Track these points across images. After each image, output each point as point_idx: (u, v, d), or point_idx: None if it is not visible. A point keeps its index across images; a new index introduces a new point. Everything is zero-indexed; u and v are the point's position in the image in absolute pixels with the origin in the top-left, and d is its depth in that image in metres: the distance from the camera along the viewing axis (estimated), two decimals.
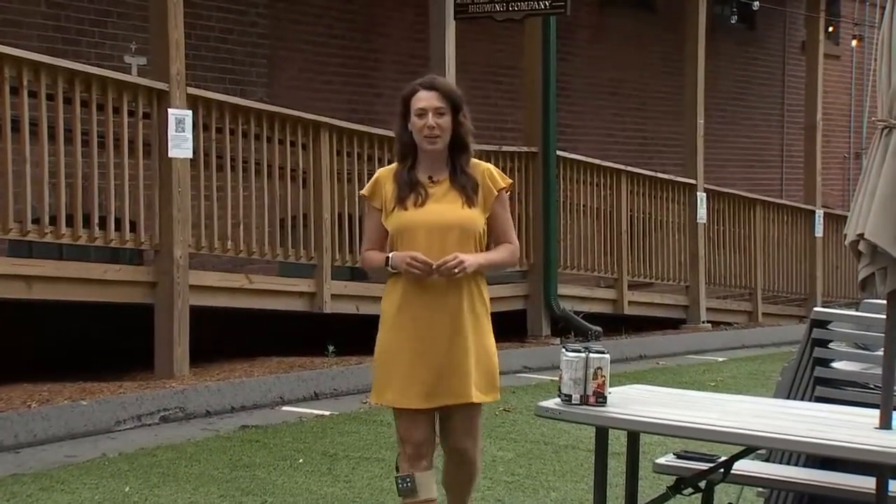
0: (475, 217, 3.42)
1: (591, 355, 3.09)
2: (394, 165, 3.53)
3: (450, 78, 8.40)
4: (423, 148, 3.44)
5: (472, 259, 3.39)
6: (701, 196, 11.42)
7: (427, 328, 3.40)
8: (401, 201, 3.43)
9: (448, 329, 3.39)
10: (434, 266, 3.34)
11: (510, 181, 3.55)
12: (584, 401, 3.08)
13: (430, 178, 3.46)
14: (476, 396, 3.41)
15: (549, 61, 9.71)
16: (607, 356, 3.12)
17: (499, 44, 11.42)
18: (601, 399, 3.08)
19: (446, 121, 3.42)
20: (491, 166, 3.52)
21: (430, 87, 3.45)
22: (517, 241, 3.55)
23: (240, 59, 9.30)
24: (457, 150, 3.46)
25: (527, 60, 9.90)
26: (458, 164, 3.44)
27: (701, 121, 11.39)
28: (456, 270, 3.34)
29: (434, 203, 3.42)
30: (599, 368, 3.07)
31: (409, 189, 3.43)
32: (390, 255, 3.43)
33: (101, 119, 6.74)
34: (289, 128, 7.86)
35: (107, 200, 6.80)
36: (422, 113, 3.41)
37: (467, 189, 3.42)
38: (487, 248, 3.50)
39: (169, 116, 6.96)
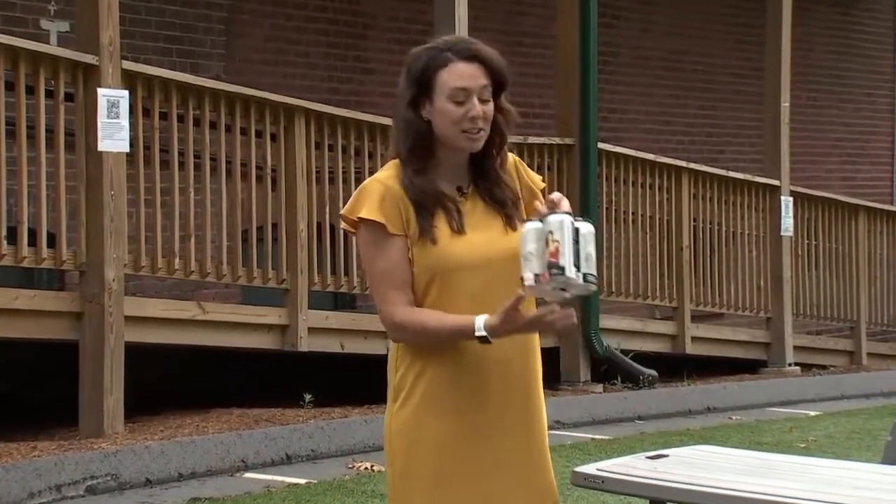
0: None
1: (548, 218, 2.87)
2: (390, 173, 3.05)
3: None
4: (455, 146, 3.03)
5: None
6: (786, 201, 11.42)
7: (493, 418, 3.00)
8: (426, 228, 2.97)
9: (522, 413, 3.07)
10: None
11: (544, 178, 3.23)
12: (538, 281, 2.87)
13: (459, 189, 3.05)
14: None
15: (589, 27, 9.74)
16: (577, 224, 2.89)
17: (524, 4, 11.46)
18: (556, 270, 2.85)
19: (491, 108, 3.02)
20: (517, 158, 3.18)
21: (473, 56, 3.03)
22: None
23: (190, 24, 9.35)
24: (492, 147, 3.07)
25: (560, 26, 9.93)
26: (491, 166, 3.06)
27: (786, 104, 11.40)
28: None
29: (474, 229, 3.01)
30: (550, 233, 2.85)
31: (432, 207, 2.99)
32: (482, 319, 2.90)
33: (10, 101, 6.78)
34: (253, 113, 7.90)
35: (17, 206, 6.83)
36: (463, 96, 2.98)
37: (507, 204, 3.06)
38: None
39: (99, 98, 7.00)
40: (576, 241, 2.85)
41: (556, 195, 2.90)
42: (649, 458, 3.67)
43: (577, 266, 2.85)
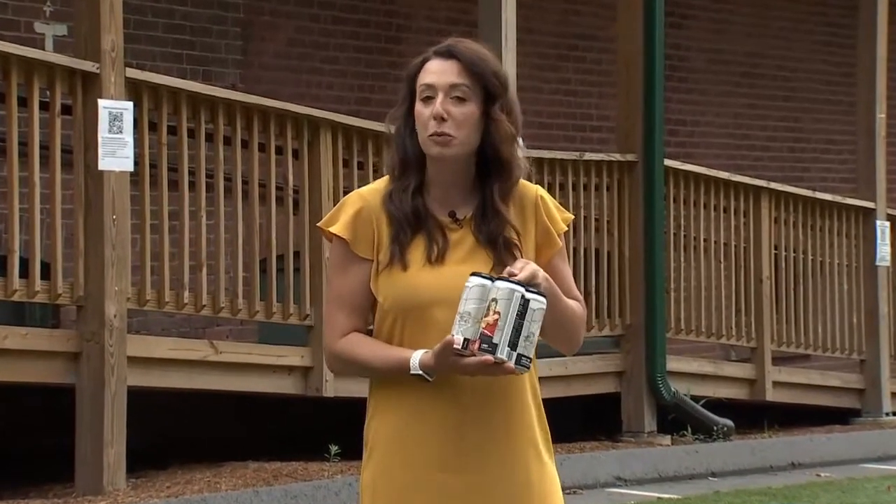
0: None
1: (497, 283, 2.91)
2: (377, 186, 3.11)
3: (507, 54, 8.48)
4: (428, 154, 3.05)
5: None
6: (882, 226, 11.36)
7: (471, 479, 3.00)
8: (395, 253, 3.01)
9: (513, 486, 3.03)
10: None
11: (571, 216, 3.19)
12: (466, 347, 2.92)
13: (451, 214, 3.07)
14: None
15: (655, 28, 9.75)
16: (528, 295, 2.92)
17: (579, 3, 11.49)
18: (487, 346, 2.91)
19: (468, 111, 3.03)
20: (543, 192, 3.14)
21: (448, 54, 3.06)
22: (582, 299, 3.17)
23: (203, 27, 9.43)
24: (489, 167, 3.06)
25: (621, 27, 9.95)
26: (488, 194, 3.05)
27: (882, 115, 11.35)
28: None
29: (458, 262, 3.02)
30: (495, 301, 2.89)
31: (414, 229, 3.02)
32: (417, 357, 2.96)
33: (0, 115, 6.86)
34: (273, 127, 7.94)
35: (8, 233, 6.90)
36: (428, 95, 3.04)
37: (497, 243, 3.02)
38: None
39: (100, 110, 7.06)
40: (521, 316, 2.90)
41: (520, 263, 2.94)
42: None
43: (514, 345, 2.90)
